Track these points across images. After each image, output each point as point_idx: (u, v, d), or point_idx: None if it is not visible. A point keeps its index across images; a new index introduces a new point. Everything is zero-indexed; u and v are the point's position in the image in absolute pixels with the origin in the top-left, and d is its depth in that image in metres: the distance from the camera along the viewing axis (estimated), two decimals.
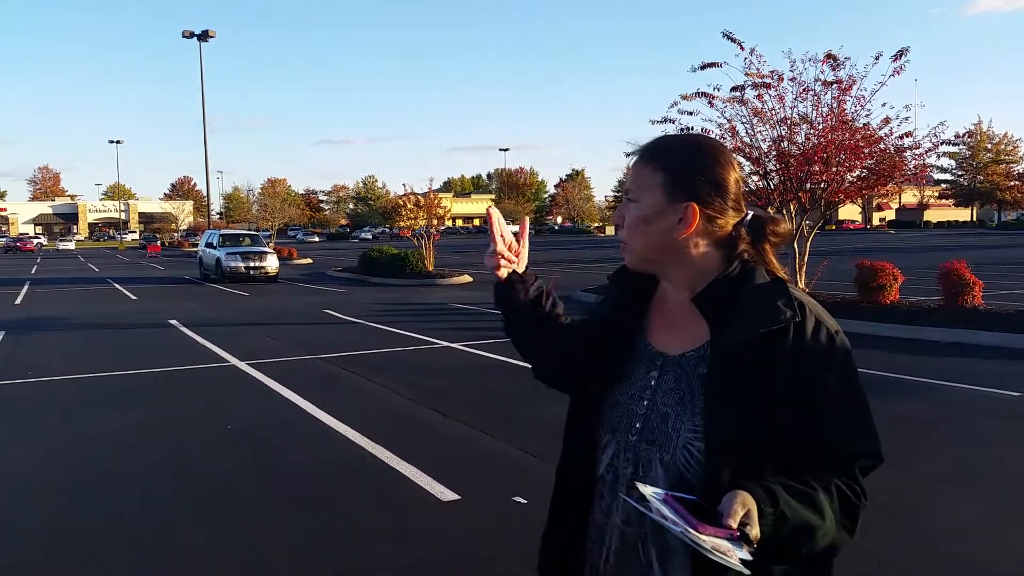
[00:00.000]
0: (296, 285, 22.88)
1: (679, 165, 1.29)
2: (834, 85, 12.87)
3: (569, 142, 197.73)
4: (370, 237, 77.51)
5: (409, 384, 7.81)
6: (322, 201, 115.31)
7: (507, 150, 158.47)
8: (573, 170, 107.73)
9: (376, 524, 4.24)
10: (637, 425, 1.28)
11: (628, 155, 1.43)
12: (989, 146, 70.05)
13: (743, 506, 1.08)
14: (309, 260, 37.88)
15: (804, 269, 13.56)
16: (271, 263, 24.46)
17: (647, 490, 1.11)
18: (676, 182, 1.27)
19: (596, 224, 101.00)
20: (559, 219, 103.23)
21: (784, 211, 13.78)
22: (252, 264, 24.12)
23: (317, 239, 78.09)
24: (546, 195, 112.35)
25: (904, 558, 3.65)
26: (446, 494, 4.59)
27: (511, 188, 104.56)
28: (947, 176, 72.30)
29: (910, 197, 74.38)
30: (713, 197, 1.27)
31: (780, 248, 1.36)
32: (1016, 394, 6.77)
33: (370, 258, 24.37)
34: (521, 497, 4.48)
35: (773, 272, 1.29)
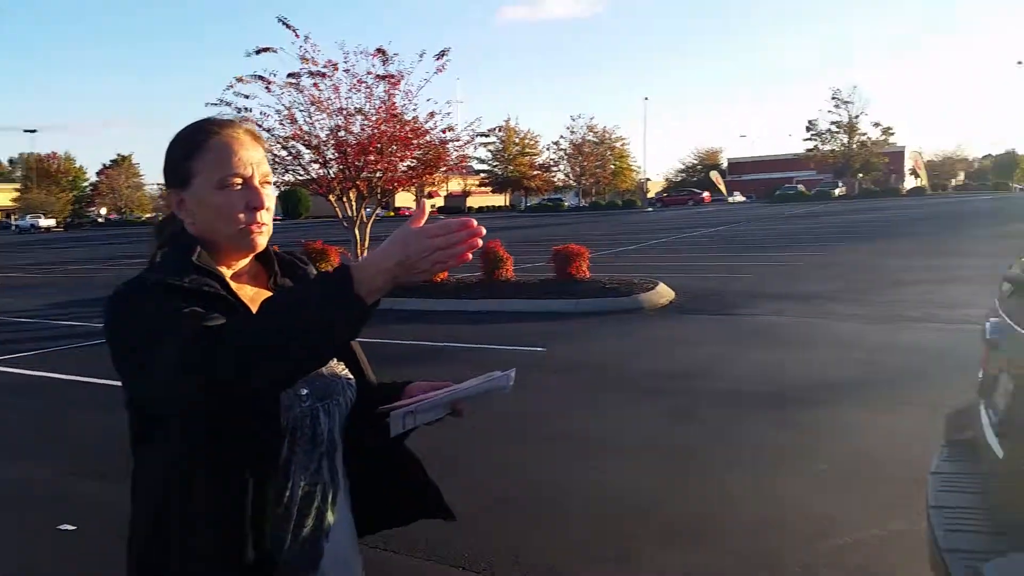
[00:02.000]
0: None
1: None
2: (385, 79, 13.66)
3: (113, 124, 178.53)
4: None
5: None
6: None
7: (35, 131, 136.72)
8: (119, 155, 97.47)
9: None
10: (303, 391, 1.34)
11: (242, 133, 1.37)
12: (516, 140, 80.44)
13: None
14: None
15: (366, 255, 14.21)
16: None
17: (396, 415, 1.34)
18: None
19: (149, 215, 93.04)
20: (103, 210, 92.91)
21: (344, 199, 14.28)
22: None
23: None
24: (86, 184, 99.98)
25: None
26: None
27: (42, 176, 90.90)
28: (485, 166, 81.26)
29: (455, 185, 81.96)
30: None
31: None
32: (541, 349, 8.01)
33: None
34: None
35: None
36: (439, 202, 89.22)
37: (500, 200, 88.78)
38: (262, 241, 1.37)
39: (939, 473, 2.38)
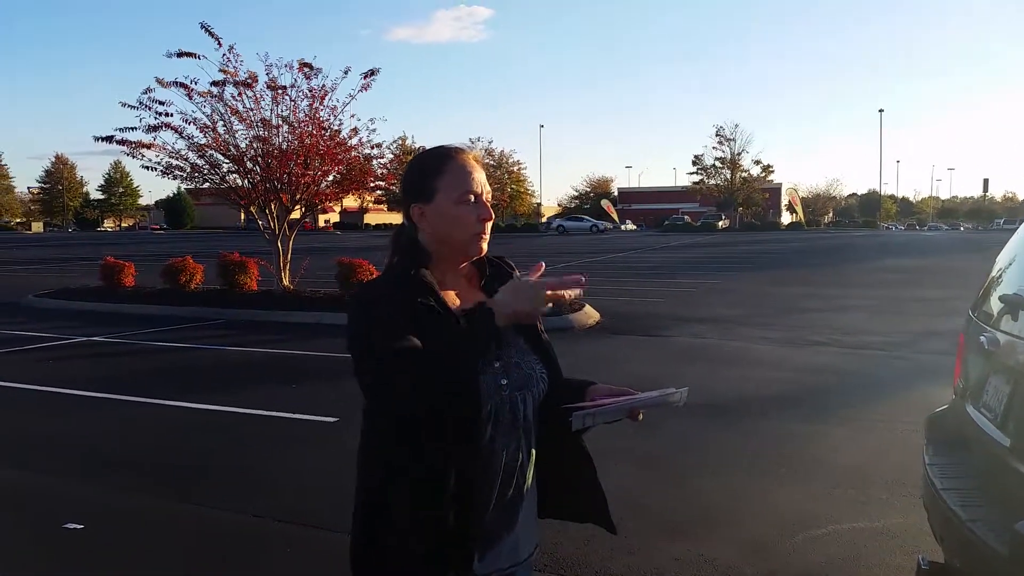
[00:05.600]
0: None
1: None
2: (310, 93, 13.65)
3: None
4: None
5: None
6: None
7: None
8: None
9: None
10: (503, 382, 1.57)
11: (471, 159, 1.63)
12: (410, 157, 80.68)
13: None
14: None
15: (288, 267, 14.09)
16: None
17: (578, 414, 1.52)
18: None
19: (19, 220, 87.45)
20: None
21: (267, 211, 14.12)
22: None
23: None
24: None
25: None
26: None
27: None
28: (382, 183, 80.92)
29: (351, 201, 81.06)
30: None
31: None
32: None
33: None
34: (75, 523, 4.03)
35: None
36: (335, 218, 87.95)
37: (397, 218, 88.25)
38: (486, 247, 1.64)
39: (936, 465, 2.80)
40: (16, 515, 4.23)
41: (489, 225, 1.62)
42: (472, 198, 1.58)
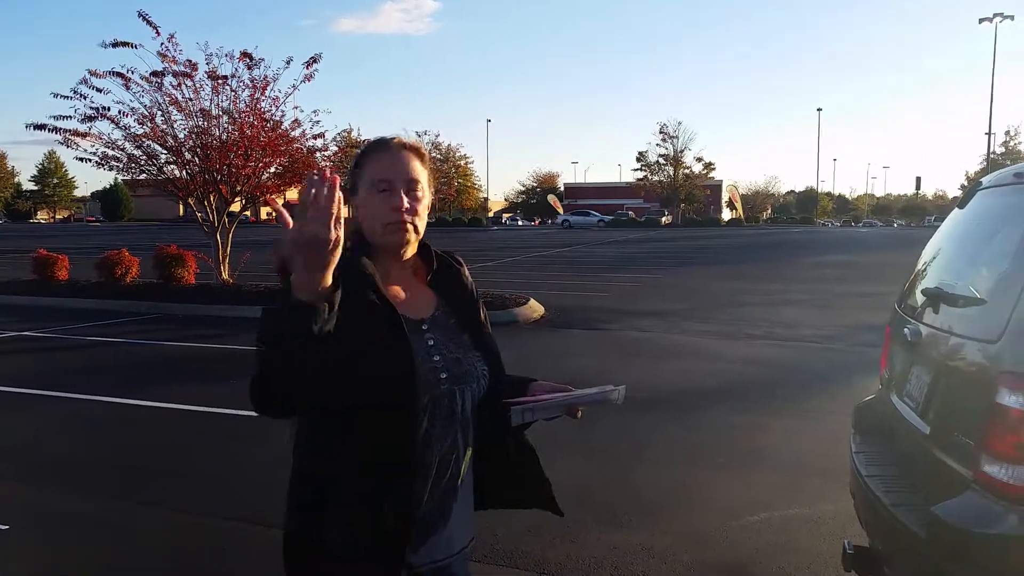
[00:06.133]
0: None
1: (427, 164, 1.64)
2: (251, 83, 13.40)
3: None
4: None
5: None
6: None
7: None
8: None
9: None
10: (443, 376, 1.56)
11: (396, 148, 1.59)
12: (357, 150, 79.87)
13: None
14: None
15: (227, 260, 13.83)
16: None
17: (517, 409, 1.53)
18: (429, 178, 1.64)
19: None
20: None
21: (205, 202, 13.83)
22: None
23: None
24: None
25: None
26: None
27: None
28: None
29: (295, 194, 79.81)
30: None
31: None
32: None
33: None
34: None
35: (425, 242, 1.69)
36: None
37: (344, 211, 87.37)
38: (410, 238, 1.58)
39: (862, 452, 2.92)
40: None
41: (410, 216, 1.56)
42: (385, 187, 1.55)
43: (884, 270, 19.53)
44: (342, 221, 1.29)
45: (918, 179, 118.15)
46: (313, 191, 1.27)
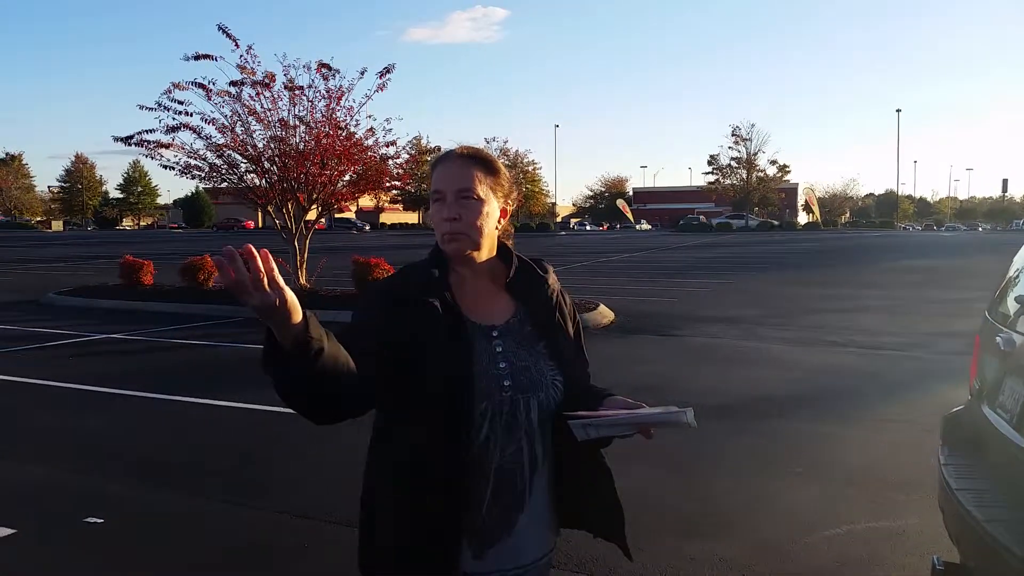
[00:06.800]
0: None
1: (496, 171, 1.61)
2: (327, 93, 13.72)
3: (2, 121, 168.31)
4: None
5: None
6: None
7: None
8: (7, 154, 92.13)
9: None
10: (506, 383, 1.55)
11: (452, 158, 1.59)
12: (429, 158, 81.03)
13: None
14: None
15: (305, 266, 14.18)
16: None
17: (576, 423, 1.49)
18: (496, 185, 1.60)
19: (39, 218, 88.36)
20: None
21: (284, 210, 14.21)
22: None
23: None
24: None
25: None
26: None
27: None
28: (397, 183, 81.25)
29: (367, 201, 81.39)
30: (511, 199, 1.65)
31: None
32: None
33: None
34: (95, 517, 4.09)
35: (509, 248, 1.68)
36: (351, 216, 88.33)
37: (413, 217, 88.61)
38: (461, 247, 1.57)
39: (951, 465, 2.81)
40: (39, 510, 4.30)
41: (461, 225, 1.55)
42: (438, 197, 1.57)
43: (968, 276, 18.78)
44: (267, 278, 1.25)
45: (1005, 181, 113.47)
46: (224, 272, 1.23)
